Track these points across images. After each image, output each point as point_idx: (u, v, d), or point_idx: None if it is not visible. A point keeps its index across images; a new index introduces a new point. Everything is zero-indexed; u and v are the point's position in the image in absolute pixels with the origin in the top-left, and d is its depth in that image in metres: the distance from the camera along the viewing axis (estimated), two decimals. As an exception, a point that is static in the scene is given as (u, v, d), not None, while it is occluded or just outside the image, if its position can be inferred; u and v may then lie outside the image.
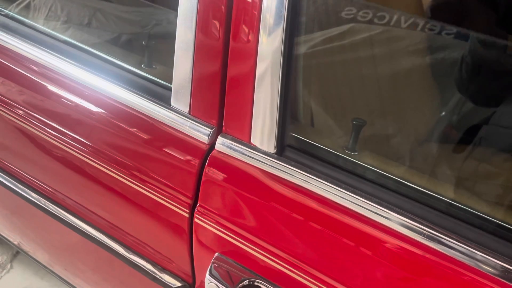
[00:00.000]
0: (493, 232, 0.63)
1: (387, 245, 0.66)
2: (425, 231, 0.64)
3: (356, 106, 1.14)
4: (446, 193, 0.67)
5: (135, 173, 0.86)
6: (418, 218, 0.65)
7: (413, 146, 1.36)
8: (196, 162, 0.80)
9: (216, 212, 0.79)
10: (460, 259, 0.62)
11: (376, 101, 1.21)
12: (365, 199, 0.68)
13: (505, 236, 0.62)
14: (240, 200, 0.77)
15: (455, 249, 0.63)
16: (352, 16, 1.05)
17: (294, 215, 0.73)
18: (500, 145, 1.32)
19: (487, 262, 0.61)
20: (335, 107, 1.07)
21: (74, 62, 0.94)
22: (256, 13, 0.69)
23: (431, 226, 0.64)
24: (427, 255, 0.63)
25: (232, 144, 0.77)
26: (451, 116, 1.51)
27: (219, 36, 0.73)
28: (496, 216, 0.64)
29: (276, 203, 0.74)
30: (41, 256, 1.28)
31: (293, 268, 0.72)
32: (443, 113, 1.50)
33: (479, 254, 0.61)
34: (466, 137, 1.46)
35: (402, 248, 0.65)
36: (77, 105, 0.94)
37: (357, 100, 1.14)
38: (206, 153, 0.79)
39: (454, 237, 0.63)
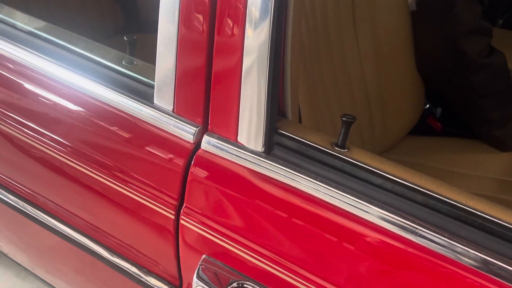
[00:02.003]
0: (473, 224, 0.62)
1: (379, 244, 0.65)
2: (417, 230, 0.63)
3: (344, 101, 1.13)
4: (438, 190, 0.66)
5: (118, 174, 0.83)
6: (409, 216, 0.64)
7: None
8: (181, 162, 0.77)
9: (203, 213, 0.76)
10: (440, 251, 0.61)
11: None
12: (356, 197, 0.67)
13: (484, 228, 0.62)
14: (227, 200, 0.75)
15: (439, 243, 0.62)
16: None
17: (283, 215, 0.71)
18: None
19: (467, 255, 0.60)
20: (324, 103, 1.06)
21: (51, 59, 0.90)
22: (241, 6, 0.66)
23: (425, 224, 0.63)
24: (424, 256, 0.62)
25: (218, 143, 0.75)
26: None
27: (203, 30, 0.71)
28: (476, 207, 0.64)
29: (265, 203, 0.72)
30: (21, 258, 1.24)
31: (283, 269, 0.71)
32: (427, 105, 1.51)
33: (459, 246, 0.61)
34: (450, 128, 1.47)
35: (395, 247, 0.64)
36: (55, 104, 0.90)
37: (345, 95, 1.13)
38: (192, 152, 0.77)
39: (441, 232, 0.62)
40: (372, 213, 0.65)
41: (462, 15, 1.24)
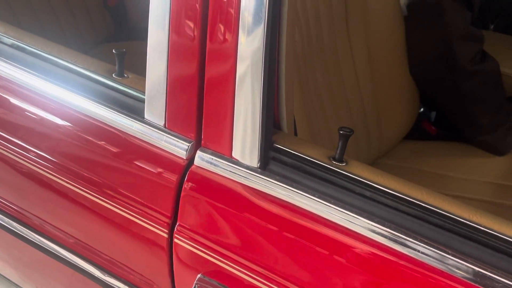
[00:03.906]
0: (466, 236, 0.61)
1: (381, 263, 0.63)
2: (419, 247, 0.61)
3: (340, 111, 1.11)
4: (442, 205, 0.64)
5: (109, 191, 0.81)
6: (412, 233, 0.62)
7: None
8: (174, 178, 0.75)
9: (197, 231, 0.74)
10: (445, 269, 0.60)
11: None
12: (355, 214, 0.65)
13: (477, 239, 0.60)
14: (222, 218, 0.72)
15: (443, 261, 0.60)
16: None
17: (281, 232, 0.69)
18: None
19: (471, 272, 0.58)
20: (319, 112, 1.03)
21: (36, 73, 0.87)
22: (234, 12, 0.64)
23: (427, 241, 0.61)
24: (428, 273, 0.60)
25: (212, 159, 0.73)
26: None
27: (194, 37, 0.68)
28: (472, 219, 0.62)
29: (261, 220, 0.70)
30: (10, 273, 1.21)
31: None
32: (422, 109, 1.50)
33: (463, 264, 0.59)
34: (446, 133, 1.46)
35: (397, 265, 0.62)
36: (42, 119, 0.87)
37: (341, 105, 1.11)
38: (185, 169, 0.74)
39: (445, 249, 0.60)
40: (373, 230, 0.63)
41: (452, 21, 1.24)
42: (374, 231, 0.63)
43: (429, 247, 0.61)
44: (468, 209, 0.63)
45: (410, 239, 0.62)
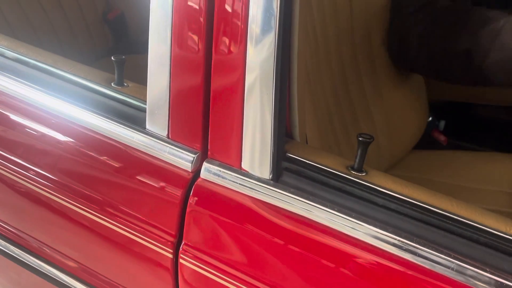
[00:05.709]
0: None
1: (412, 283, 0.57)
2: (453, 263, 0.55)
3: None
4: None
5: (109, 209, 0.75)
6: (444, 249, 0.56)
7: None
8: (178, 193, 0.70)
9: (204, 250, 0.69)
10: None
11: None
12: (380, 228, 0.59)
13: (499, 247, 0.55)
14: (231, 235, 0.67)
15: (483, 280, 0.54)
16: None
17: (296, 250, 0.63)
18: None
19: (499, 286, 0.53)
20: (328, 122, 0.99)
21: (29, 83, 0.82)
22: (240, 23, 0.60)
23: (462, 258, 0.55)
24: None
25: (219, 170, 0.68)
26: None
27: (199, 49, 0.65)
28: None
29: (274, 238, 0.64)
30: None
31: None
32: (430, 118, 1.46)
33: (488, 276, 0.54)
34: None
35: (434, 285, 0.56)
36: (38, 133, 0.82)
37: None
38: (190, 182, 0.69)
39: (483, 267, 0.55)
40: (400, 246, 0.58)
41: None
42: (401, 248, 0.58)
43: (463, 264, 0.55)
44: (504, 221, 0.57)
45: (442, 256, 0.56)
